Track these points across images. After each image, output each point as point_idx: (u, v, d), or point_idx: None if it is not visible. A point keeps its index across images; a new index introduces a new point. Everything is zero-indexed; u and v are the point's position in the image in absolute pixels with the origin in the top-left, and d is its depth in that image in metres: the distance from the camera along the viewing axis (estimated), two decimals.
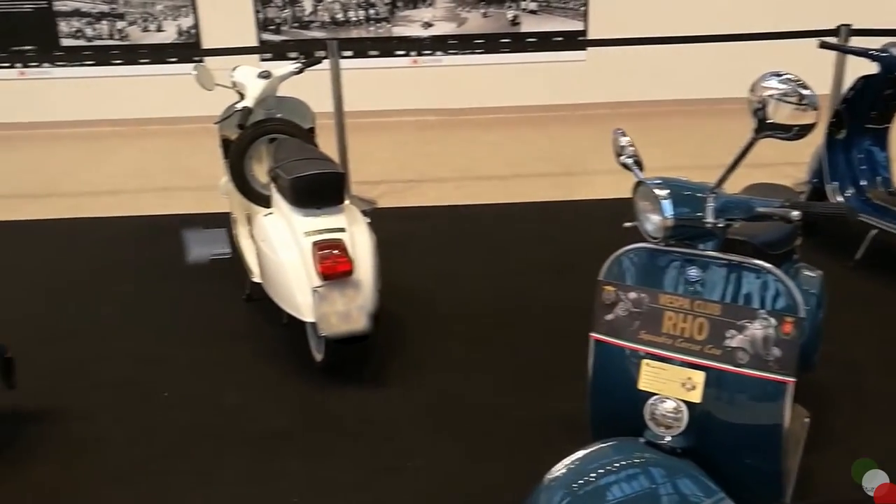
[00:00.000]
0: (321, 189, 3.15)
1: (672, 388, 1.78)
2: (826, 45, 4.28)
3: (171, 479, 2.61)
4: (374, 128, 6.77)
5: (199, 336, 3.52)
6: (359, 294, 2.99)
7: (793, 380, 1.69)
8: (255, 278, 3.53)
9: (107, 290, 4.00)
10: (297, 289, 3.02)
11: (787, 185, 2.96)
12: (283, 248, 3.11)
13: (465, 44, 7.18)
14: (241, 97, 3.72)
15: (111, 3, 6.98)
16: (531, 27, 7.11)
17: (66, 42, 7.06)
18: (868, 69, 3.94)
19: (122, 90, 7.09)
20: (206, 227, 4.30)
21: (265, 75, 3.71)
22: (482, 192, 5.37)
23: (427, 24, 7.09)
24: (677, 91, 7.13)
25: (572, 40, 7.12)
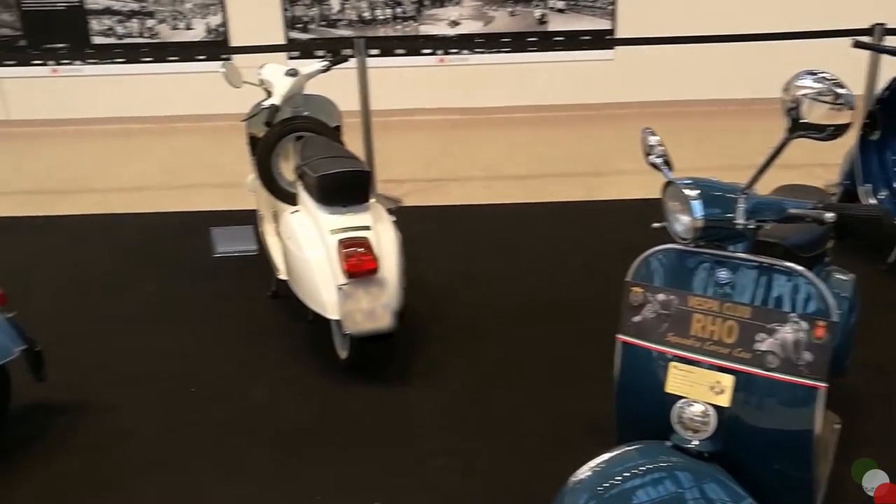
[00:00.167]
0: (347, 187, 3.16)
1: (700, 391, 1.76)
2: (860, 45, 4.20)
3: (197, 474, 2.63)
4: (400, 126, 6.78)
5: (225, 332, 3.55)
6: (383, 292, 2.99)
7: (824, 385, 1.66)
8: (281, 275, 3.55)
9: (135, 286, 4.04)
10: (322, 286, 3.03)
11: (818, 186, 2.91)
12: (308, 245, 3.12)
13: (491, 42, 7.15)
14: (269, 95, 3.73)
15: (141, 1, 7.06)
16: (558, 26, 7.07)
17: (97, 40, 7.15)
18: None
19: (151, 88, 7.17)
20: (233, 225, 4.33)
21: (292, 73, 3.72)
22: (508, 191, 5.35)
23: (454, 23, 7.08)
24: (706, 91, 7.05)
25: (600, 39, 7.08)
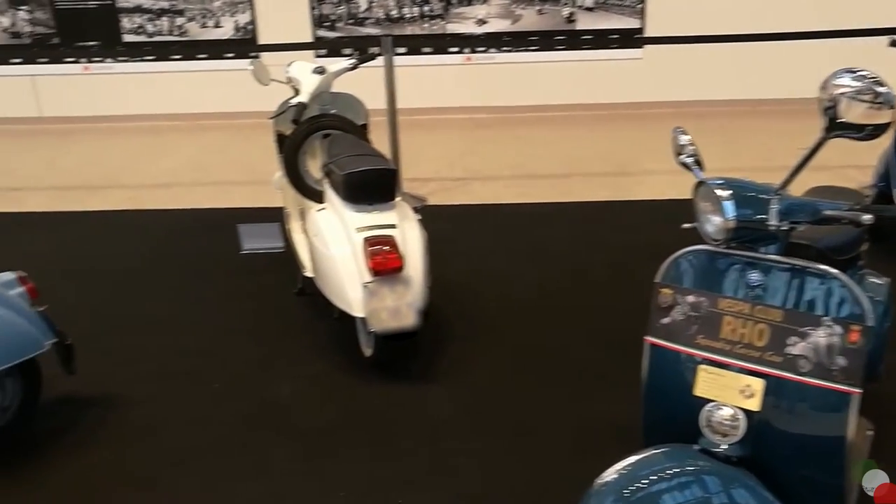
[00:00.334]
0: (373, 185, 3.16)
1: (729, 394, 1.73)
2: None
3: (221, 469, 2.65)
4: (427, 125, 6.78)
5: (252, 329, 3.57)
6: (408, 290, 2.99)
7: (858, 391, 1.63)
8: (308, 273, 3.56)
9: (163, 281, 4.08)
10: (347, 284, 3.04)
11: (851, 188, 2.86)
12: (334, 243, 3.12)
13: (519, 41, 7.13)
14: (296, 93, 3.75)
15: None
16: (587, 24, 7.03)
17: (127, 38, 7.24)
18: None
19: (180, 85, 7.24)
20: (260, 222, 4.36)
21: (320, 71, 3.74)
22: (534, 190, 5.33)
23: (481, 21, 7.06)
24: (736, 91, 6.97)
25: (629, 38, 7.02)
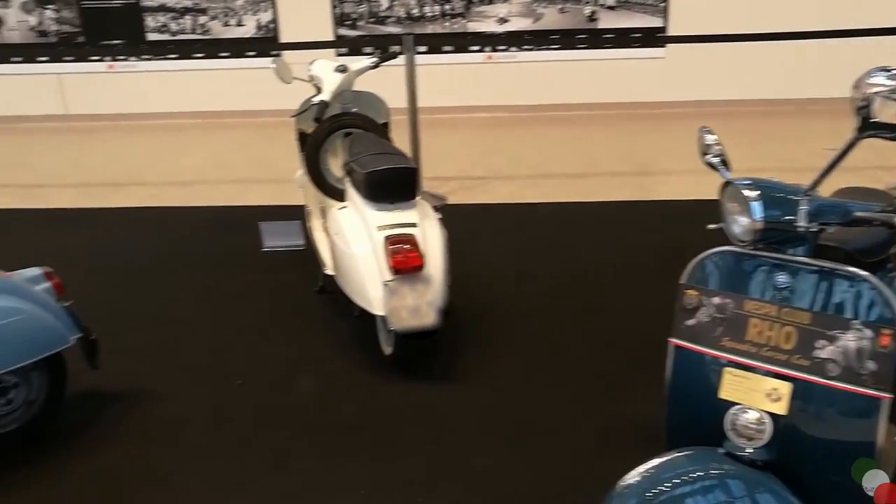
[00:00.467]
0: (394, 184, 3.16)
1: (756, 398, 1.71)
2: None
3: (243, 465, 2.66)
4: (447, 124, 6.77)
5: (273, 326, 3.58)
6: (429, 289, 2.98)
7: (889, 396, 1.60)
8: (328, 271, 3.57)
9: (185, 278, 4.11)
10: (368, 282, 3.04)
11: (880, 188, 2.81)
12: (355, 241, 3.13)
13: (540, 40, 7.10)
14: (318, 91, 3.76)
15: None
16: (609, 23, 6.99)
17: (151, 36, 7.30)
18: None
19: (202, 83, 7.29)
20: (282, 220, 4.37)
21: (342, 69, 3.74)
22: (555, 190, 5.30)
23: (502, 20, 7.05)
24: (760, 91, 6.90)
25: (651, 37, 6.97)
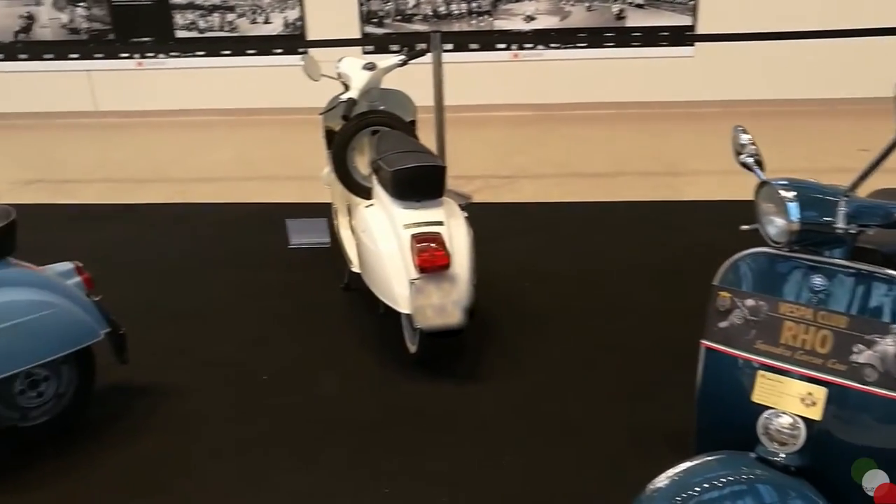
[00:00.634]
0: (422, 182, 3.15)
1: (789, 402, 1.68)
2: None
3: (267, 460, 2.67)
4: (473, 122, 6.76)
5: (298, 322, 3.59)
6: (455, 288, 2.98)
7: None
8: (354, 268, 3.57)
9: (211, 274, 4.14)
10: (394, 280, 3.04)
11: None
12: (382, 239, 3.13)
13: (567, 38, 7.06)
14: (346, 88, 3.76)
15: None
16: (637, 21, 6.94)
17: (180, 34, 7.36)
18: None
19: (230, 80, 7.35)
20: (308, 217, 4.39)
21: (370, 67, 3.74)
22: (581, 189, 5.27)
23: (529, 18, 7.02)
24: (791, 90, 6.81)
25: (680, 35, 6.90)
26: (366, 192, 3.61)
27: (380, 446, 2.73)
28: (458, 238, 3.11)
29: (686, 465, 1.71)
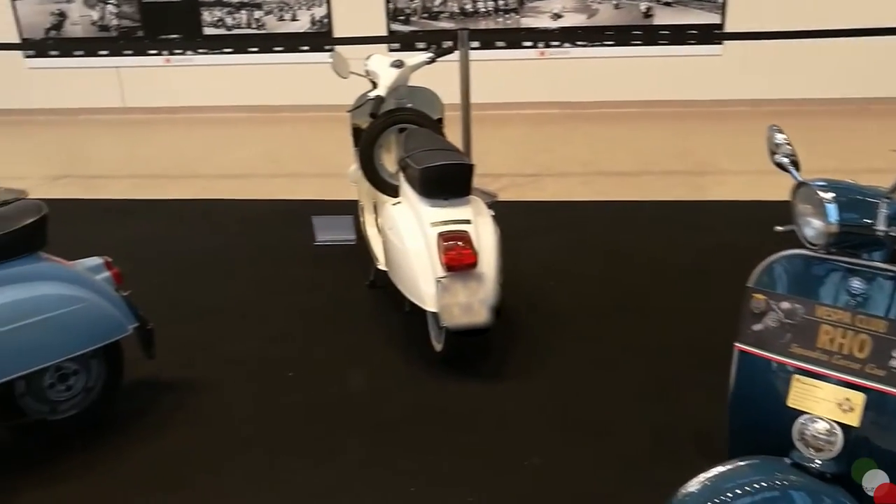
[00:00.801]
0: (450, 180, 3.14)
1: (826, 407, 1.64)
2: None
3: (292, 457, 2.67)
4: (498, 120, 6.74)
5: (323, 319, 3.60)
6: (481, 287, 2.96)
7: None
8: (381, 266, 3.57)
9: (238, 270, 4.16)
10: (421, 278, 3.03)
11: None
12: (409, 237, 3.12)
13: (594, 36, 7.01)
14: (374, 86, 3.76)
15: None
16: (665, 20, 6.87)
17: (207, 31, 7.41)
18: None
19: (256, 78, 7.38)
20: (333, 214, 4.40)
21: (398, 64, 3.73)
22: (607, 188, 5.23)
23: (556, 16, 6.98)
24: (820, 89, 6.71)
25: (708, 33, 6.83)
26: (392, 190, 3.60)
27: (404, 444, 2.72)
28: (485, 237, 3.09)
29: (719, 469, 1.69)
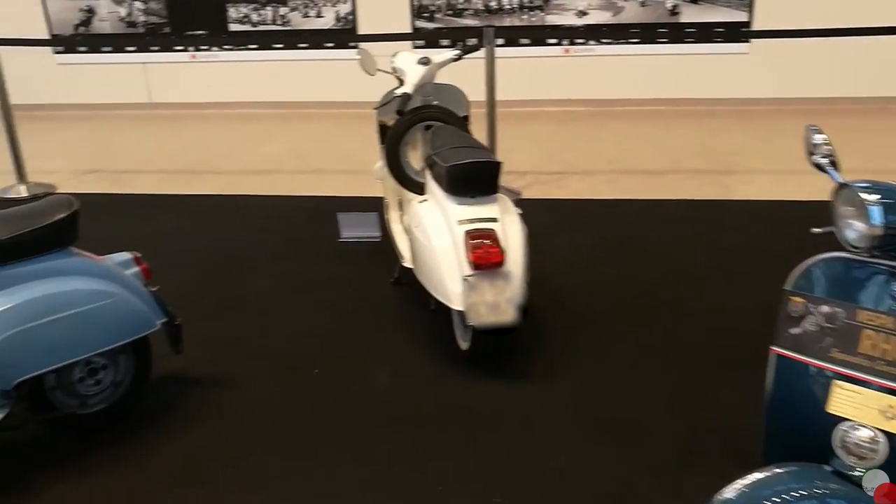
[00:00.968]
0: (477, 178, 3.12)
1: (869, 414, 1.61)
2: None
3: (318, 455, 2.67)
4: (523, 117, 6.71)
5: (348, 316, 3.60)
6: (508, 285, 2.94)
7: None
8: (406, 263, 3.56)
9: (263, 266, 4.17)
10: (447, 276, 3.01)
11: None
12: (436, 235, 3.11)
13: (619, 33, 6.96)
14: (401, 83, 3.75)
15: None
16: (691, 17, 6.80)
17: (233, 27, 7.44)
18: None
19: (281, 74, 7.40)
20: (358, 211, 4.40)
21: (425, 62, 3.72)
22: (632, 187, 5.19)
23: (581, 13, 6.93)
24: (849, 88, 6.61)
25: (735, 31, 6.75)
26: (418, 188, 3.59)
27: (429, 443, 2.71)
28: (512, 235, 3.07)
29: (756, 475, 1.65)
